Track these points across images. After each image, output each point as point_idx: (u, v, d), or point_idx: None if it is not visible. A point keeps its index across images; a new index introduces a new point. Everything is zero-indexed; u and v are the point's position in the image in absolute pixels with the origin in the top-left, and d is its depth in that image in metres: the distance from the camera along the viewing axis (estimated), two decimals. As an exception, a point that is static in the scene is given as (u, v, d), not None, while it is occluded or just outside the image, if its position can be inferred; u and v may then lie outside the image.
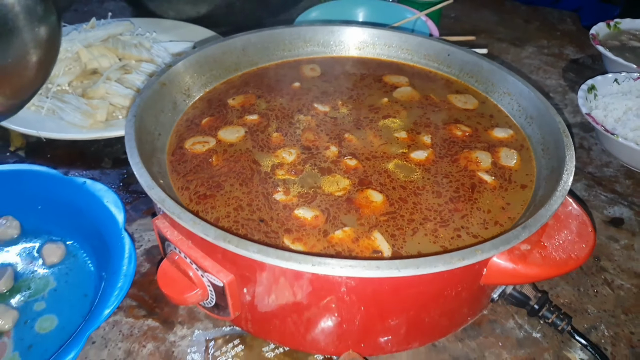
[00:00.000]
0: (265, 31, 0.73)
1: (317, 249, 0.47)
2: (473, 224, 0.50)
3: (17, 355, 0.51)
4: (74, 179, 0.62)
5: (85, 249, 0.62)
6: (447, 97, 0.68)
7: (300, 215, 0.50)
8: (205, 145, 0.59)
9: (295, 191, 0.53)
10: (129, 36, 0.96)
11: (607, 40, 1.03)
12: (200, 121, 0.62)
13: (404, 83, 0.71)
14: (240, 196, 0.52)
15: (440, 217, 0.50)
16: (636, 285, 0.62)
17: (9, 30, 0.47)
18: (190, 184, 0.54)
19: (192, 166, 0.56)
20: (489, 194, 0.54)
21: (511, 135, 0.62)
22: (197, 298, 0.48)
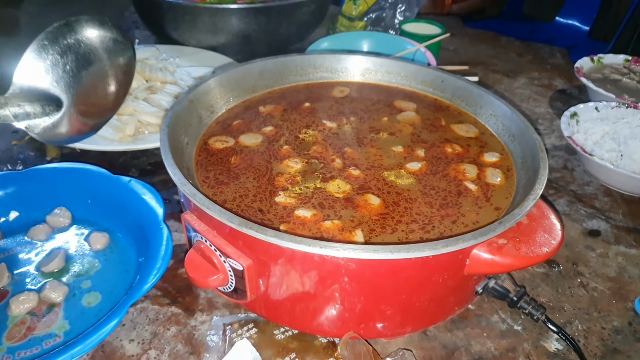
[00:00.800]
0: (280, 58, 0.82)
1: (306, 233, 0.55)
2: (451, 227, 0.58)
3: (66, 322, 0.59)
4: (120, 178, 0.71)
5: (127, 239, 0.70)
6: (450, 126, 0.75)
7: (300, 215, 0.58)
8: (224, 144, 0.69)
9: (296, 192, 0.61)
10: (155, 61, 1.05)
11: (591, 73, 1.13)
12: (226, 126, 0.71)
13: (411, 109, 0.79)
14: (250, 187, 0.62)
15: (427, 220, 0.58)
16: (609, 288, 0.69)
17: (96, 62, 0.57)
18: (209, 173, 0.64)
19: (214, 160, 0.66)
20: (472, 200, 0.61)
21: (499, 159, 0.69)
22: (218, 282, 0.55)
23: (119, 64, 0.59)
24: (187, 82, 1.01)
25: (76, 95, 0.56)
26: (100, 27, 0.57)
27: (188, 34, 1.19)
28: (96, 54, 0.57)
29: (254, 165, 0.66)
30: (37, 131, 0.55)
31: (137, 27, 1.44)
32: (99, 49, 0.57)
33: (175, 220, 0.76)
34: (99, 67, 0.58)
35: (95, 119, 0.60)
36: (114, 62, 0.59)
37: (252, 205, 0.59)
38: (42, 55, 0.54)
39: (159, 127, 0.92)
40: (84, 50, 0.56)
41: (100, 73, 0.58)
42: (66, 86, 0.55)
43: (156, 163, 0.89)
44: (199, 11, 1.13)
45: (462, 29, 1.52)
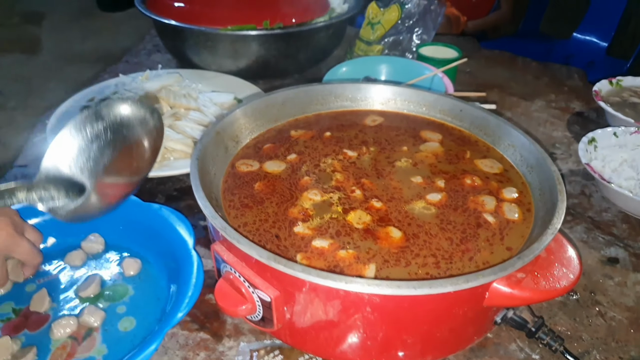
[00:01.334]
0: (302, 88, 0.85)
1: (322, 263, 0.58)
2: (461, 266, 0.59)
3: (104, 347, 0.62)
4: (151, 205, 0.74)
5: (158, 265, 0.73)
6: (474, 161, 0.75)
7: (317, 245, 0.60)
8: (248, 167, 0.73)
9: (313, 225, 0.63)
10: (178, 87, 1.09)
11: (609, 96, 1.14)
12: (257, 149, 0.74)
13: (436, 140, 0.80)
14: (270, 213, 0.65)
15: (446, 255, 0.60)
16: (627, 318, 0.70)
17: (123, 145, 0.60)
18: (234, 197, 0.68)
19: (240, 183, 0.70)
20: (488, 235, 0.63)
21: (518, 195, 0.70)
22: (247, 311, 0.58)
23: (147, 141, 0.62)
24: (209, 108, 1.05)
25: (100, 181, 0.59)
26: (129, 109, 0.59)
27: (209, 59, 1.23)
28: (123, 138, 0.59)
29: (277, 191, 0.69)
30: (60, 214, 0.57)
31: (158, 50, 1.49)
32: (126, 133, 0.59)
33: (202, 246, 0.79)
34: (126, 150, 0.60)
35: (120, 195, 0.63)
36: (142, 140, 0.61)
37: (270, 231, 0.62)
38: (69, 144, 0.57)
39: (183, 153, 0.95)
40: (111, 137, 0.58)
41: (127, 153, 0.61)
42: (90, 173, 0.58)
43: (182, 189, 0.92)
44: (220, 38, 1.17)
45: (478, 51, 1.54)
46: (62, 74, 3.33)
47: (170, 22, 1.18)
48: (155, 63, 1.39)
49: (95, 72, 3.32)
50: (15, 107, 2.95)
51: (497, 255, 0.60)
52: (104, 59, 3.50)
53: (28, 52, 3.63)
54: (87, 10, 4.30)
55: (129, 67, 1.38)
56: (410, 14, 1.25)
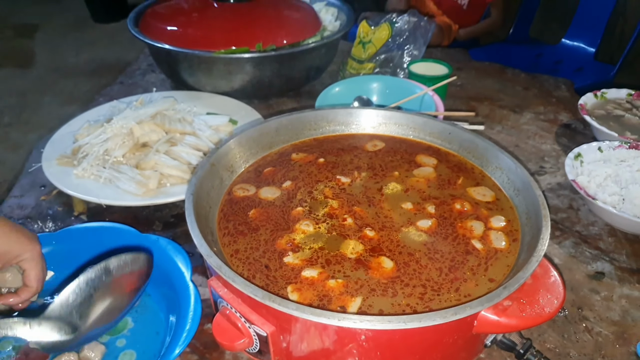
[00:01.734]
0: (295, 115, 0.87)
1: (312, 293, 0.60)
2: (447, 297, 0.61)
3: (105, 382, 0.64)
4: (148, 236, 0.76)
5: (156, 296, 0.75)
6: (466, 189, 0.77)
7: (307, 275, 0.62)
8: (245, 192, 0.76)
9: (306, 254, 0.65)
10: (173, 112, 1.11)
11: (595, 109, 1.16)
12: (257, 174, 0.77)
13: (430, 165, 0.82)
14: (261, 241, 0.68)
15: (436, 286, 0.61)
16: (613, 332, 0.73)
17: (120, 293, 0.68)
18: (229, 224, 0.71)
19: (236, 209, 0.73)
20: (474, 264, 0.65)
21: (506, 224, 0.71)
22: (244, 345, 0.60)
23: (137, 283, 0.69)
24: (205, 132, 1.07)
25: (90, 322, 0.64)
26: (132, 264, 0.67)
27: (204, 80, 1.25)
28: (121, 286, 0.67)
29: (272, 219, 0.71)
30: (43, 344, 0.62)
31: (152, 70, 1.50)
32: (125, 283, 0.67)
33: (199, 274, 0.81)
34: (121, 296, 0.67)
35: (106, 325, 0.68)
36: (134, 285, 0.68)
37: (260, 260, 0.65)
38: (77, 294, 0.63)
39: (180, 179, 0.97)
40: (111, 287, 0.65)
41: (120, 299, 0.67)
42: (85, 317, 0.64)
43: (178, 215, 0.94)
44: (214, 60, 1.19)
45: (469, 62, 1.56)
46: (57, 87, 3.35)
47: (164, 46, 1.20)
48: (150, 84, 1.41)
49: (91, 85, 3.35)
50: (10, 123, 2.97)
51: (481, 287, 0.61)
52: (98, 71, 3.52)
53: (22, 66, 3.64)
54: (81, 21, 4.31)
55: (123, 88, 1.40)
56: (400, 32, 1.27)
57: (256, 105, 1.22)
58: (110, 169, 0.96)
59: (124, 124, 1.02)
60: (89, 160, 0.97)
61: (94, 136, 1.02)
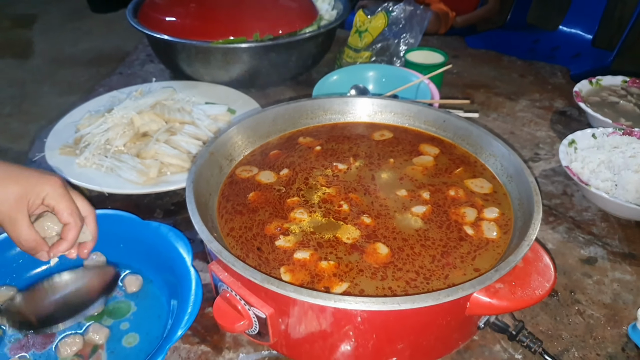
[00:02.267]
0: (292, 104, 0.88)
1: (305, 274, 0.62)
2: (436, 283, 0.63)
3: (110, 363, 0.66)
4: (150, 223, 0.78)
5: (158, 281, 0.77)
6: (464, 181, 0.77)
7: (299, 257, 0.64)
8: (249, 173, 0.79)
9: (298, 238, 0.67)
10: (172, 101, 1.12)
11: (589, 96, 1.17)
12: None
13: (432, 154, 0.83)
14: (256, 221, 0.70)
15: (428, 273, 0.63)
16: (604, 315, 0.75)
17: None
18: (228, 203, 0.73)
19: (237, 189, 0.76)
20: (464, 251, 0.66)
21: (499, 215, 0.72)
22: (244, 327, 0.62)
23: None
24: (204, 121, 1.08)
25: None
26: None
27: (202, 70, 1.25)
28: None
29: (269, 202, 0.74)
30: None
31: (151, 60, 1.51)
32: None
33: (200, 260, 0.83)
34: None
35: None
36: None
37: (253, 242, 0.67)
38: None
39: (180, 167, 0.98)
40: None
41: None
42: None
43: (179, 203, 0.96)
44: (211, 51, 1.20)
45: (465, 50, 1.57)
46: (56, 77, 3.35)
47: (162, 36, 1.21)
48: (149, 74, 1.42)
49: (89, 75, 3.36)
50: (10, 113, 2.98)
51: (468, 277, 0.63)
52: (96, 61, 3.53)
53: (20, 56, 3.64)
54: (78, 11, 4.30)
55: (122, 78, 1.41)
56: (396, 20, 1.28)
57: (254, 94, 1.23)
58: (112, 158, 0.98)
59: (124, 114, 1.04)
60: (91, 149, 0.98)
61: (95, 126, 1.03)
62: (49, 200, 0.64)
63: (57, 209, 0.65)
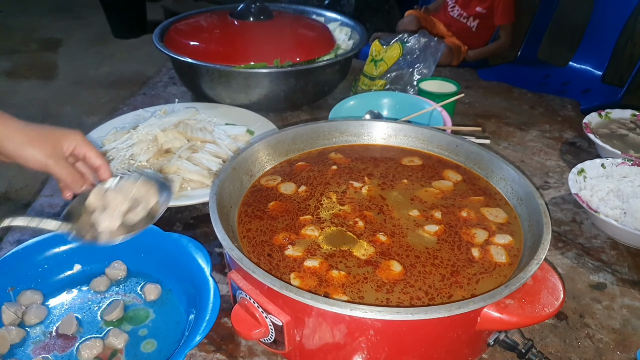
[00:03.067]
0: (310, 125, 0.92)
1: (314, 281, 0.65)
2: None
3: (129, 368, 0.68)
4: (171, 234, 0.81)
5: (177, 291, 0.80)
6: (480, 209, 0.78)
7: (309, 265, 0.67)
8: (275, 181, 0.84)
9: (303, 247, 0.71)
10: (195, 121, 1.16)
11: (599, 128, 1.20)
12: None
13: (453, 180, 0.85)
14: (270, 229, 0.74)
15: (436, 292, 0.65)
16: (613, 340, 0.76)
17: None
18: (248, 208, 0.78)
19: (260, 197, 0.81)
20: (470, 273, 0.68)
21: (509, 241, 0.73)
22: (260, 334, 0.64)
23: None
24: (224, 140, 1.12)
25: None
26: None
27: (224, 93, 1.30)
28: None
29: (288, 211, 0.78)
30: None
31: (174, 83, 1.57)
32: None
33: (217, 272, 0.85)
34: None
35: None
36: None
37: (264, 247, 0.71)
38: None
39: (200, 183, 1.02)
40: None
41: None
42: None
43: (198, 217, 0.99)
44: (233, 75, 1.25)
45: (477, 82, 1.61)
46: (78, 98, 3.45)
47: (186, 59, 1.27)
48: (172, 95, 1.48)
49: (110, 97, 3.45)
50: (32, 132, 3.05)
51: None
52: (117, 84, 3.63)
53: (45, 78, 3.76)
54: (101, 36, 4.45)
55: (146, 99, 1.46)
56: (411, 50, 1.33)
57: (272, 117, 1.27)
58: (136, 173, 1.02)
59: (149, 130, 1.08)
60: (115, 163, 1.02)
61: (120, 141, 1.07)
62: (78, 149, 0.75)
63: (88, 155, 0.76)
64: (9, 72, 3.82)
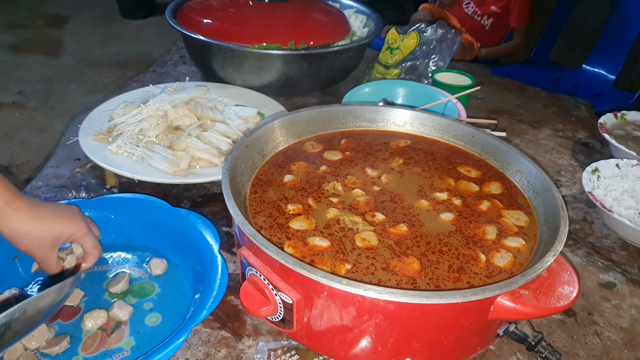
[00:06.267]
0: (324, 108, 0.91)
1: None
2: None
3: (132, 339, 0.68)
4: (180, 210, 0.80)
5: (183, 266, 0.79)
6: (501, 211, 0.75)
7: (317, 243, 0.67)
8: (314, 148, 0.87)
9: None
10: (206, 100, 1.15)
11: (614, 129, 1.19)
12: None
13: (473, 177, 0.82)
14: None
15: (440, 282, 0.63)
16: (621, 338, 0.75)
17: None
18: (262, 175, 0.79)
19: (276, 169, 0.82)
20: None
21: (521, 245, 0.70)
22: (269, 312, 0.63)
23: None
24: (234, 121, 1.11)
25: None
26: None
27: (235, 74, 1.29)
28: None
29: (305, 185, 0.78)
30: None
31: (184, 62, 1.55)
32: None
33: (224, 250, 0.84)
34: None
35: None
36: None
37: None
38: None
39: (209, 162, 1.01)
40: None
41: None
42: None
43: (206, 195, 0.98)
44: (246, 55, 1.23)
45: (491, 78, 1.60)
46: (83, 76, 3.43)
47: (199, 37, 1.25)
48: (181, 74, 1.46)
49: (115, 77, 3.43)
50: (36, 107, 3.04)
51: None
52: (123, 64, 3.61)
53: (50, 54, 3.73)
54: (109, 16, 4.42)
55: (156, 76, 1.45)
56: (428, 41, 1.31)
57: (282, 102, 1.26)
58: (144, 148, 1.00)
59: (159, 106, 1.07)
60: (124, 138, 1.01)
61: (129, 116, 1.06)
62: (77, 241, 0.73)
63: (85, 247, 0.73)
64: (14, 46, 3.80)
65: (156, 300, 0.74)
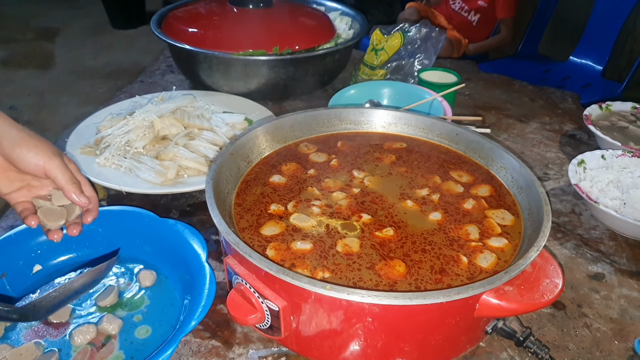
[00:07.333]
0: (309, 112, 0.91)
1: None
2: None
3: (122, 353, 0.68)
4: (167, 220, 0.80)
5: (172, 277, 0.79)
6: (485, 211, 0.75)
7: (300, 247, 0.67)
8: (309, 150, 0.88)
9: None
10: (192, 108, 1.15)
11: (599, 120, 1.19)
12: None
13: (464, 182, 0.81)
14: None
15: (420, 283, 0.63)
16: (611, 329, 0.75)
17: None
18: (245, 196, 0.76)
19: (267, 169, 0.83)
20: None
21: (505, 245, 0.70)
22: (256, 320, 0.63)
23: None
24: (222, 128, 1.11)
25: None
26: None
27: (222, 81, 1.29)
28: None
29: (290, 189, 0.78)
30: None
31: (172, 71, 1.56)
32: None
33: (213, 259, 0.84)
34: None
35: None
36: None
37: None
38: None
39: (197, 170, 1.01)
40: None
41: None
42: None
43: (194, 204, 0.98)
44: (232, 62, 1.23)
45: (478, 74, 1.60)
46: (74, 88, 3.43)
47: (184, 46, 1.25)
48: (169, 83, 1.46)
49: (107, 87, 3.43)
50: (29, 121, 3.03)
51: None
52: (115, 75, 3.61)
53: (41, 67, 3.74)
54: (99, 26, 4.42)
55: (144, 86, 1.45)
56: (412, 41, 1.32)
57: (270, 106, 1.26)
58: (131, 159, 1.01)
59: (145, 117, 1.07)
60: (111, 150, 1.01)
61: (116, 128, 1.06)
62: (45, 164, 0.71)
63: (54, 178, 0.71)
64: (4, 61, 3.80)
65: (146, 312, 0.74)
